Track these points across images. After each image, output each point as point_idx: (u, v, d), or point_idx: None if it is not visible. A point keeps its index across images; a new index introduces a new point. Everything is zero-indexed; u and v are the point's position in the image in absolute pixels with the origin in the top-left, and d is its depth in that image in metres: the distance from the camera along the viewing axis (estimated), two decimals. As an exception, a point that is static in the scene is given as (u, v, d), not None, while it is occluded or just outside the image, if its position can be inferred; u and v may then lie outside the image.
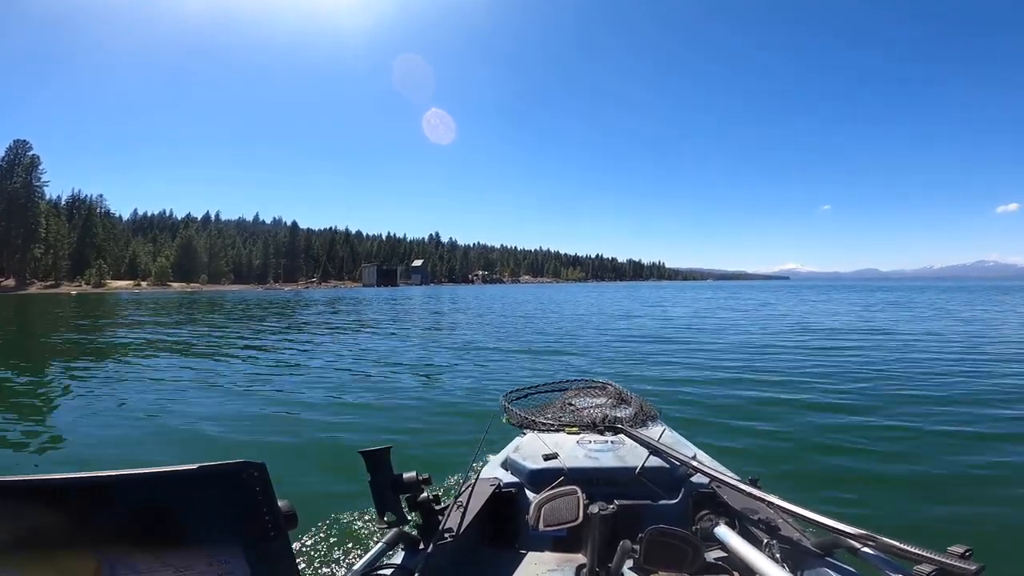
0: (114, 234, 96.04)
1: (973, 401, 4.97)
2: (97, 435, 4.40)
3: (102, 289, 73.74)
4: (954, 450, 3.59)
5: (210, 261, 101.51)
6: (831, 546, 1.15)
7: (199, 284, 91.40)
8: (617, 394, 2.37)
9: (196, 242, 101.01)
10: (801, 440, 3.88)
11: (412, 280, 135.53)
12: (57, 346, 11.04)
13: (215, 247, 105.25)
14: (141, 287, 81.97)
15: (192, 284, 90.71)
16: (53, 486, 0.48)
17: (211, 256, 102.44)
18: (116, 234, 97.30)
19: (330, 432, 4.30)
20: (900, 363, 7.22)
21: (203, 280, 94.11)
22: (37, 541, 0.49)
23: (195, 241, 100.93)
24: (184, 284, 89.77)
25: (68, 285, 76.29)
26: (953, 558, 0.87)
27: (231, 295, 51.52)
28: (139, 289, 77.36)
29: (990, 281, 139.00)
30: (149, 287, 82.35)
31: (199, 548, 0.52)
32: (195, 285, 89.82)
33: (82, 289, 72.00)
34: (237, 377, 6.98)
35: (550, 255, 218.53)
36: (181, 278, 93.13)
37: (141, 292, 67.50)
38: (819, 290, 50.45)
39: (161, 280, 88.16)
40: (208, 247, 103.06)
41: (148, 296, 50.87)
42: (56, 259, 78.18)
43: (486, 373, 7.12)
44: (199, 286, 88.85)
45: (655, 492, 1.51)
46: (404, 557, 1.15)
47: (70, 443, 4.23)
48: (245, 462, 0.52)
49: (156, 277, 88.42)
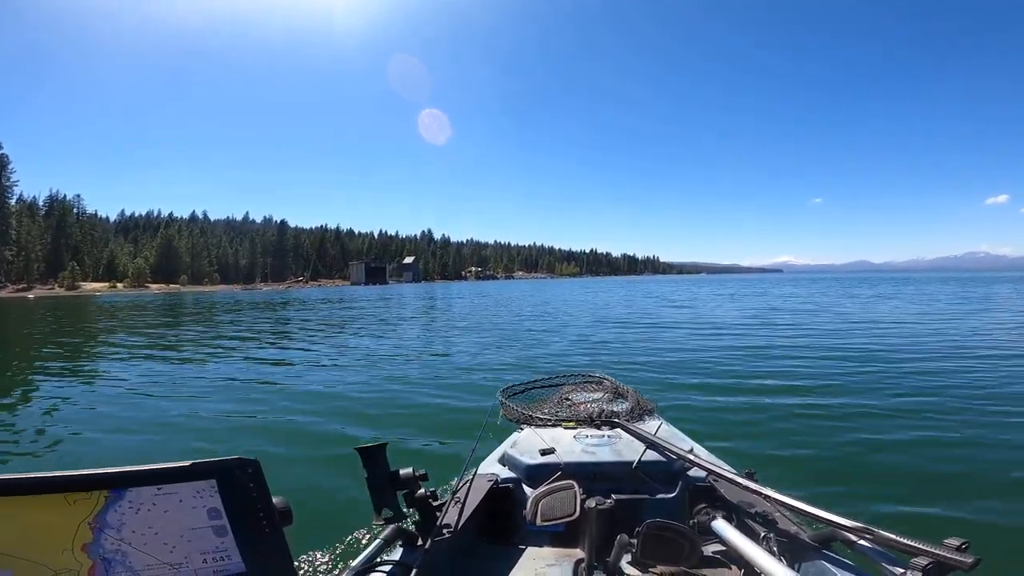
0: (93, 235, 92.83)
1: (970, 394, 4.83)
2: (90, 436, 4.30)
3: (74, 292, 70.43)
4: (950, 442, 3.52)
5: (192, 261, 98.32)
6: (828, 539, 1.15)
7: (179, 285, 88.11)
8: (614, 388, 2.36)
9: (177, 242, 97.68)
10: (798, 433, 3.79)
11: (404, 278, 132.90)
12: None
13: (197, 247, 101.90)
14: (117, 289, 78.73)
15: (172, 285, 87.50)
16: (46, 484, 0.48)
17: (193, 256, 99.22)
18: (95, 235, 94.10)
19: (325, 428, 4.25)
20: (894, 354, 7.07)
21: (183, 281, 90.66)
22: (31, 539, 0.49)
23: (176, 241, 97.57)
24: (163, 285, 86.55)
25: (40, 288, 73.15)
26: (950, 550, 0.87)
27: (203, 297, 49.65)
28: (114, 291, 74.21)
29: (980, 272, 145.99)
30: (125, 289, 79.08)
31: (193, 545, 0.51)
32: (175, 286, 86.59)
33: (54, 292, 68.78)
34: (229, 374, 6.82)
35: (544, 250, 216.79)
36: (164, 279, 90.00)
37: (115, 294, 64.52)
38: (811, 282, 50.47)
39: (139, 281, 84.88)
40: (190, 247, 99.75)
41: (120, 298, 47.98)
42: (28, 261, 74.91)
43: (482, 369, 6.96)
44: (178, 287, 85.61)
45: (652, 486, 1.52)
46: (402, 553, 1.15)
47: (64, 444, 4.10)
48: (239, 459, 0.52)
49: (133, 278, 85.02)
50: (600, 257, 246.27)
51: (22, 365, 8.50)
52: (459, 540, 1.29)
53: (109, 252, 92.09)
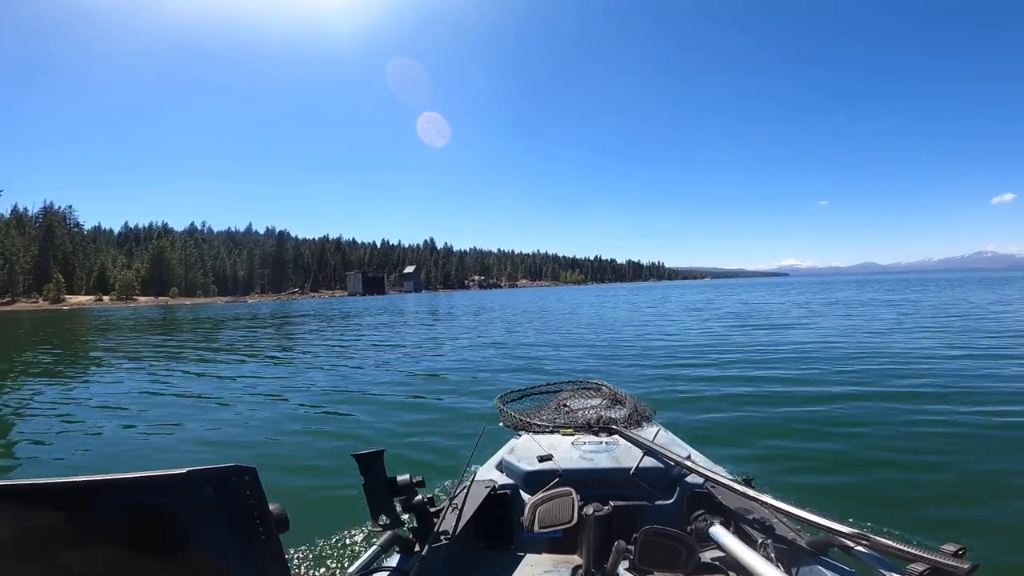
0: (84, 246, 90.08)
1: (970, 399, 4.60)
2: (88, 443, 4.28)
3: (58, 305, 67.29)
4: (950, 449, 3.45)
5: (186, 273, 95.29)
6: (825, 545, 1.14)
7: (168, 298, 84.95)
8: (611, 395, 2.34)
9: (169, 253, 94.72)
10: (795, 439, 3.73)
11: (405, 287, 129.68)
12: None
13: (190, 258, 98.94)
14: (103, 302, 75.63)
15: (161, 297, 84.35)
16: (42, 490, 0.48)
17: (187, 268, 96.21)
18: (87, 247, 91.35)
19: (322, 435, 4.23)
20: (895, 361, 6.66)
21: (173, 293, 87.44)
22: (26, 546, 0.49)
23: (167, 252, 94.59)
24: (152, 298, 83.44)
25: (24, 301, 70.13)
26: (946, 557, 0.87)
27: (182, 310, 46.57)
28: (100, 304, 71.08)
29: (987, 272, 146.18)
30: (112, 302, 75.99)
31: (190, 552, 0.51)
32: (164, 298, 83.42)
33: (37, 306, 65.65)
34: (228, 383, 6.83)
35: (548, 258, 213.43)
36: (157, 291, 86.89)
37: (101, 308, 61.30)
38: (817, 286, 49.71)
39: (127, 294, 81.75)
40: (183, 258, 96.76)
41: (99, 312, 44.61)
42: (12, 274, 71.98)
43: (480, 375, 6.91)
44: (167, 300, 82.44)
45: (650, 493, 1.50)
46: (399, 560, 1.15)
47: (60, 451, 4.07)
48: (236, 466, 0.52)
49: (120, 291, 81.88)
50: (605, 264, 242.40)
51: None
52: (456, 547, 1.28)
53: (100, 264, 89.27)
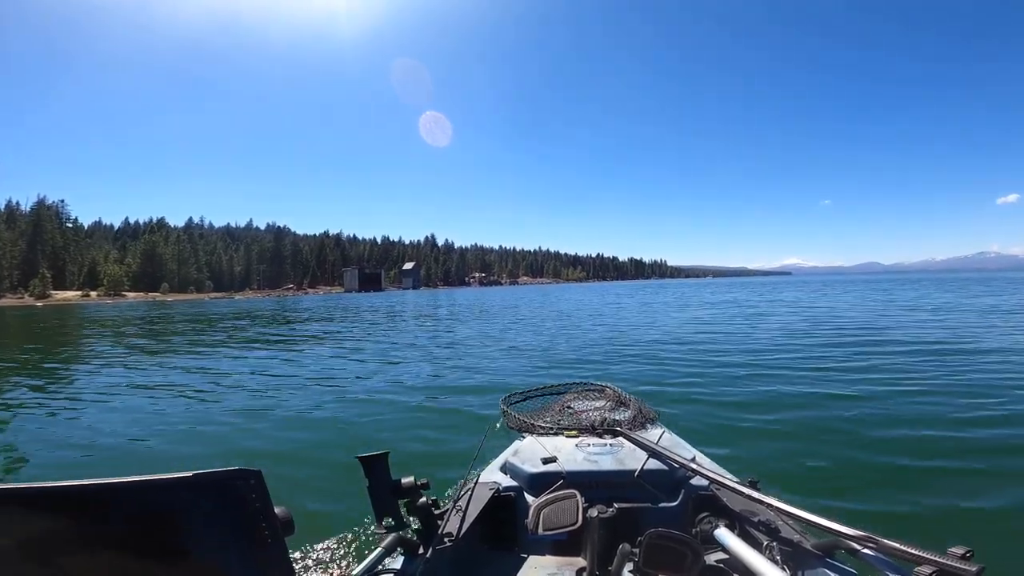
0: (76, 241, 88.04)
1: (978, 396, 4.60)
2: (91, 445, 4.26)
3: (44, 301, 65.25)
4: (956, 450, 3.41)
5: (179, 268, 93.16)
6: (831, 547, 1.14)
7: (158, 293, 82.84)
8: (616, 397, 2.33)
9: (161, 248, 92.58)
10: (801, 441, 3.72)
11: (403, 284, 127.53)
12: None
13: (183, 253, 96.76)
14: (90, 298, 73.54)
15: (151, 294, 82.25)
16: (47, 494, 0.48)
17: (180, 263, 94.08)
18: (79, 242, 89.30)
19: (327, 438, 4.25)
20: (902, 360, 6.63)
21: (164, 289, 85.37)
22: (30, 549, 0.49)
23: (159, 247, 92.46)
24: (142, 294, 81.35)
25: (10, 297, 68.17)
26: (954, 559, 0.86)
27: (163, 308, 44.74)
28: (87, 300, 68.95)
29: (991, 272, 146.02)
30: (99, 298, 73.88)
31: (196, 555, 0.51)
32: (154, 295, 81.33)
33: (23, 302, 63.61)
34: (232, 385, 6.80)
35: (550, 255, 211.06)
36: (148, 287, 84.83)
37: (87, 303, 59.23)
38: (819, 285, 49.22)
39: (116, 290, 79.65)
40: (176, 253, 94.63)
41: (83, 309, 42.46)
42: (-1, 268, 70.10)
43: (484, 377, 6.86)
44: (157, 296, 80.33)
45: (654, 495, 1.50)
46: (403, 562, 1.15)
47: (61, 452, 4.07)
48: (241, 469, 0.52)
49: (108, 287, 79.78)
50: (607, 261, 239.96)
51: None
52: (460, 549, 1.27)
53: (91, 259, 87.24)
